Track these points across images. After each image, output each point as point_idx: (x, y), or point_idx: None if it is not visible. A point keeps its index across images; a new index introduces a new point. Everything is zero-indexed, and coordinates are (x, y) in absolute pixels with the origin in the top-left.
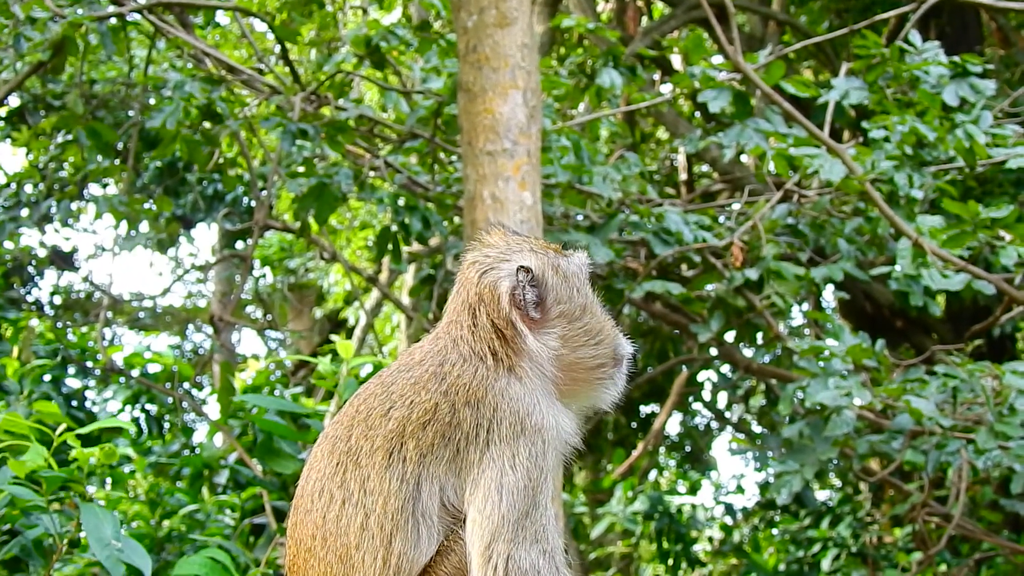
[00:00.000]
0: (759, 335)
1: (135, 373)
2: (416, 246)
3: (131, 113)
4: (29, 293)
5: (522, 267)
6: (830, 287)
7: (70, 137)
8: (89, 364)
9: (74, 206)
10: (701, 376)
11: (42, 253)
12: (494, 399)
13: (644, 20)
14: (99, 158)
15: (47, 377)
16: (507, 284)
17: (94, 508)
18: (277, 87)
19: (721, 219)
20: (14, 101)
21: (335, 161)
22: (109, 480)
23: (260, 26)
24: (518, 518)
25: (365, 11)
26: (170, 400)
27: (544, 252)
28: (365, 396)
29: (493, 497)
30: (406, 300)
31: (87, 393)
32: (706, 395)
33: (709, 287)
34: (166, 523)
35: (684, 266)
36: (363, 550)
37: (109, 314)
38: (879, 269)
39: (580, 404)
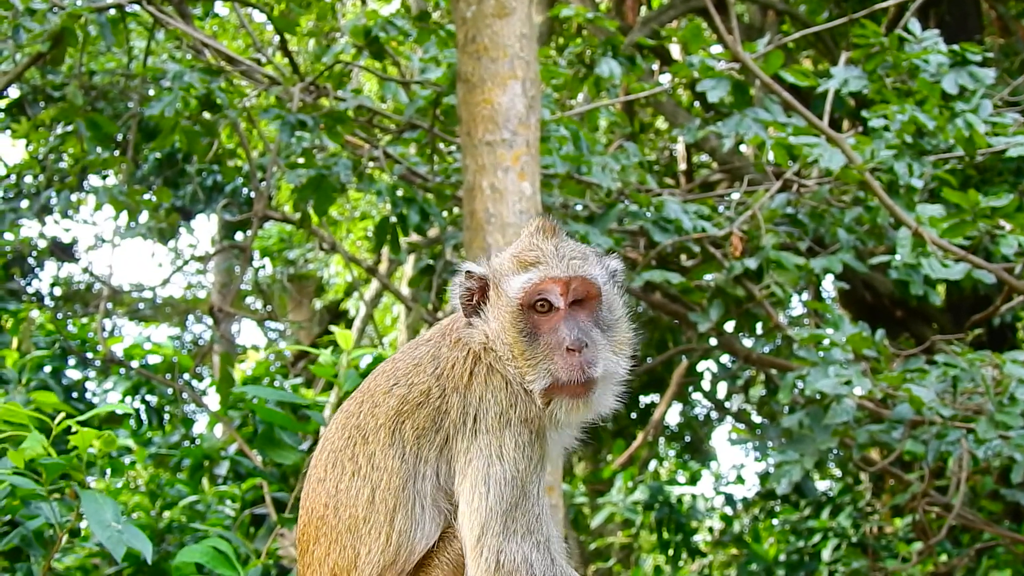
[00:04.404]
0: (759, 325)
1: (135, 364)
2: (415, 236)
3: (130, 104)
4: (29, 284)
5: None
6: (830, 276)
7: (70, 128)
8: (89, 355)
9: (74, 197)
10: (701, 366)
11: (42, 244)
12: (479, 387)
13: (643, 10)
14: (98, 149)
15: (47, 368)
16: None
17: (94, 494)
18: (276, 78)
19: (720, 209)
20: (14, 92)
21: (334, 152)
22: (109, 471)
23: (259, 16)
24: (507, 509)
25: (364, 1)
26: (170, 391)
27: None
28: (377, 373)
29: (480, 488)
30: (406, 290)
31: (87, 384)
32: (706, 385)
33: (708, 277)
34: (167, 514)
35: (683, 256)
36: (370, 523)
37: (109, 305)
38: (879, 258)
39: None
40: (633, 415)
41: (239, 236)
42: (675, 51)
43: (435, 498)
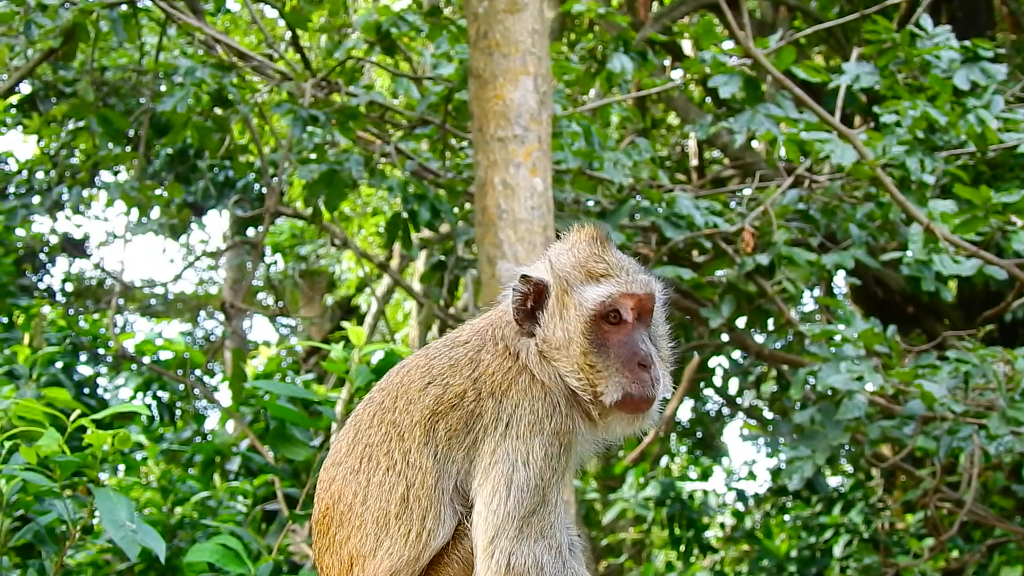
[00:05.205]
0: (770, 321)
1: (147, 360)
2: (427, 232)
3: (142, 100)
4: (41, 280)
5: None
6: (841, 272)
7: (81, 124)
8: (101, 351)
9: (85, 193)
10: (712, 362)
11: (54, 240)
12: (518, 395)
13: (655, 5)
14: (110, 145)
15: (59, 364)
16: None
17: (108, 492)
18: (288, 73)
19: (732, 204)
20: (25, 88)
21: (346, 147)
22: (122, 467)
23: (271, 12)
24: (524, 515)
25: None
26: (182, 387)
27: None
28: (410, 367)
29: (501, 492)
30: (417, 287)
31: (99, 380)
32: (717, 381)
33: (720, 273)
34: (178, 510)
35: (695, 252)
36: (401, 520)
37: (121, 301)
38: (890, 254)
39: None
40: None
41: (251, 232)
42: (687, 47)
43: (452, 497)
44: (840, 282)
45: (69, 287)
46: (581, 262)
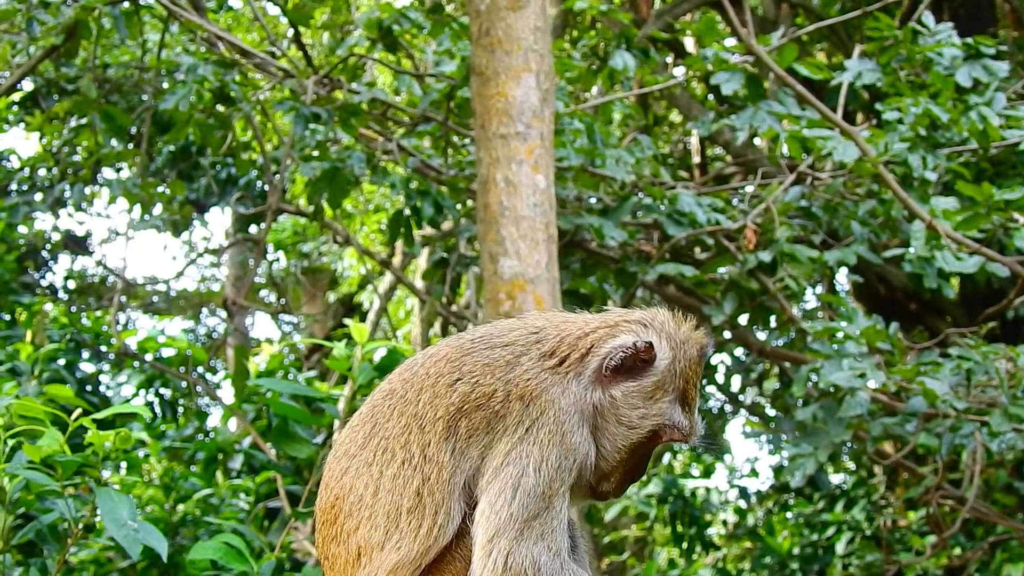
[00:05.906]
0: (772, 318)
1: (149, 357)
2: (429, 230)
3: (144, 97)
4: (43, 277)
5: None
6: (844, 270)
7: (84, 121)
8: (103, 348)
9: (88, 190)
10: (714, 359)
11: (56, 237)
12: (544, 403)
13: (657, 2)
14: (113, 142)
15: (61, 361)
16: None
17: (109, 491)
18: (290, 71)
19: (734, 202)
20: (27, 85)
21: (348, 145)
22: (124, 464)
23: (273, 9)
24: (527, 519)
25: None
26: (184, 384)
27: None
28: (436, 359)
29: (507, 493)
30: (419, 284)
31: (101, 377)
32: (720, 378)
33: (722, 270)
34: (180, 507)
35: (697, 249)
36: (413, 514)
37: (123, 298)
38: (893, 252)
39: None
40: None
41: (253, 229)
42: (689, 44)
43: (460, 494)
44: (842, 279)
45: (71, 284)
46: (687, 377)
